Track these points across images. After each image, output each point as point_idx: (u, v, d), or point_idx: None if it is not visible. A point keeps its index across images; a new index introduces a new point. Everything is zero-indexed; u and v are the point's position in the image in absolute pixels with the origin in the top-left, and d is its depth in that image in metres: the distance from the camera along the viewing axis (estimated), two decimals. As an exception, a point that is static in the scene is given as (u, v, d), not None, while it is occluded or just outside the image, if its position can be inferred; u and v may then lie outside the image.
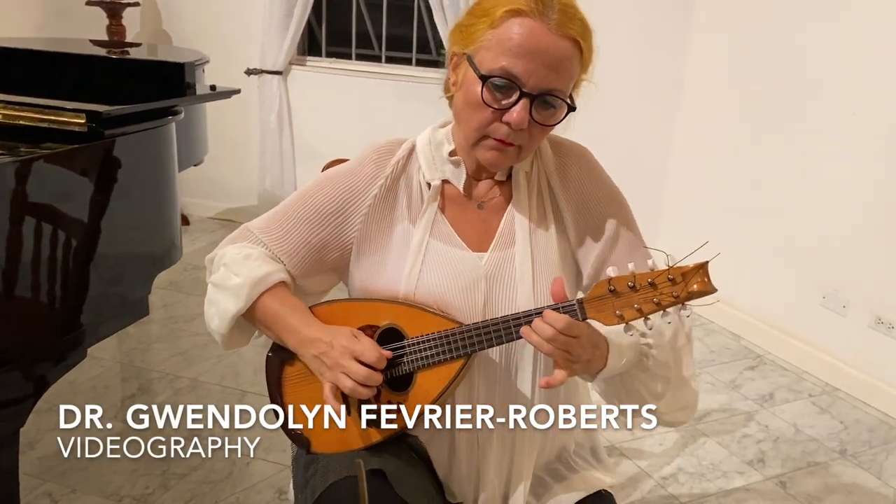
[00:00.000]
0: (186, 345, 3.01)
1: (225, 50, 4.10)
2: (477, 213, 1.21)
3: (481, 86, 1.06)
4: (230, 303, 1.16)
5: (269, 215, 1.25)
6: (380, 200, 1.20)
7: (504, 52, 1.05)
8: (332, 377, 1.09)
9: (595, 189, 1.22)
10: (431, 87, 3.96)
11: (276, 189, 4.28)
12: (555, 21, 1.05)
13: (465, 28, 1.11)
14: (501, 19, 1.06)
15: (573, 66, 1.09)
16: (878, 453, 2.52)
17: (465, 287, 1.16)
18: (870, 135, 2.73)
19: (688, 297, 1.01)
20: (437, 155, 1.21)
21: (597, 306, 1.05)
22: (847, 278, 2.87)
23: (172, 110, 1.68)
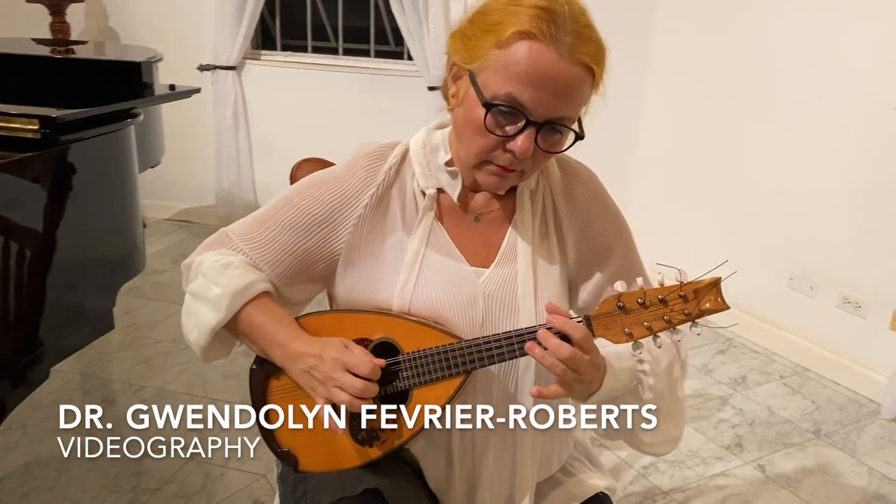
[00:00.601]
0: (150, 353, 2.91)
1: (175, 46, 3.97)
2: (474, 226, 1.15)
3: (485, 112, 0.99)
4: (209, 315, 1.10)
5: (249, 220, 1.18)
6: (371, 210, 1.12)
7: (510, 77, 0.98)
8: (325, 393, 1.03)
9: (601, 215, 1.17)
10: (392, 78, 3.90)
11: (234, 188, 4.18)
12: (567, 46, 0.97)
13: (467, 39, 1.02)
14: (509, 40, 0.97)
15: (584, 92, 1.01)
16: (851, 432, 2.55)
17: (463, 303, 1.10)
18: (834, 119, 2.76)
19: (699, 314, 0.98)
20: (433, 161, 1.13)
21: (605, 323, 1.00)
22: (814, 260, 2.90)
23: (131, 113, 1.60)
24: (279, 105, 4.03)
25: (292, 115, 4.06)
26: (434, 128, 1.16)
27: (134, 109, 1.61)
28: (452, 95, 1.07)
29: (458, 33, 1.04)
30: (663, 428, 1.14)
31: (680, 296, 0.98)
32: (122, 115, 1.57)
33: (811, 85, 2.81)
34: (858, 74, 2.66)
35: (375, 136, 4.17)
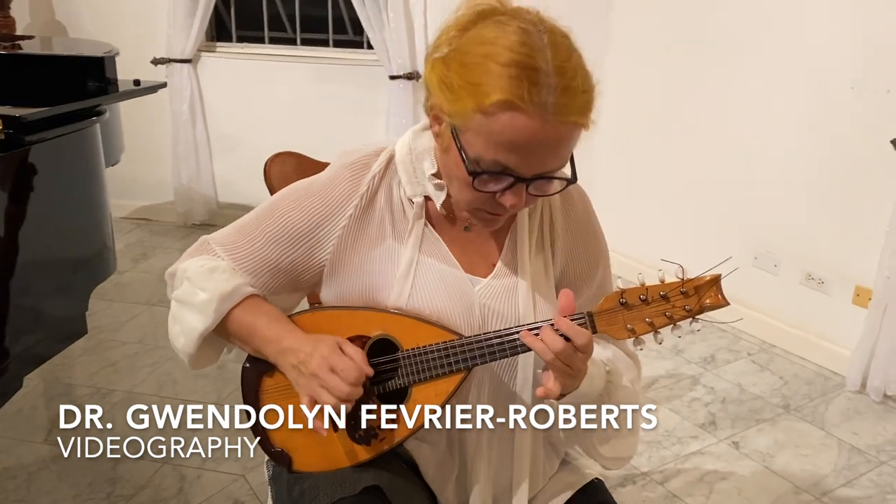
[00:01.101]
0: (115, 356, 2.84)
1: (126, 40, 3.84)
2: (464, 235, 1.12)
3: (471, 179, 0.96)
4: (197, 320, 1.07)
5: (231, 229, 1.15)
6: (355, 220, 1.09)
7: (495, 144, 0.93)
8: (309, 389, 1.01)
9: (591, 230, 1.18)
10: (352, 68, 3.86)
11: (194, 183, 4.09)
12: (553, 107, 0.91)
13: (445, 89, 0.96)
14: (491, 109, 0.91)
15: (573, 142, 0.97)
16: (819, 405, 2.61)
17: (461, 311, 1.08)
18: (793, 99, 2.81)
19: (700, 310, 0.99)
20: (419, 169, 1.10)
21: (608, 319, 1.00)
22: (777, 239, 2.96)
23: (96, 110, 1.54)
24: (237, 98, 3.96)
25: (251, 108, 3.99)
26: (420, 129, 1.12)
27: (99, 107, 1.55)
28: (436, 134, 1.03)
29: (436, 72, 0.97)
30: (620, 443, 1.15)
31: (681, 292, 0.98)
32: (88, 113, 1.52)
33: (770, 66, 2.86)
34: (816, 54, 2.71)
35: (338, 126, 4.16)
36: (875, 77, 2.54)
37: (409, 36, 3.61)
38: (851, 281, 2.73)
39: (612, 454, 1.16)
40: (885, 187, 2.53)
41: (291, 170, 1.63)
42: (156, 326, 3.08)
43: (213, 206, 4.20)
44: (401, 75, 3.64)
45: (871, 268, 2.60)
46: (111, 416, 2.57)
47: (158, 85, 2.03)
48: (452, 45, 0.97)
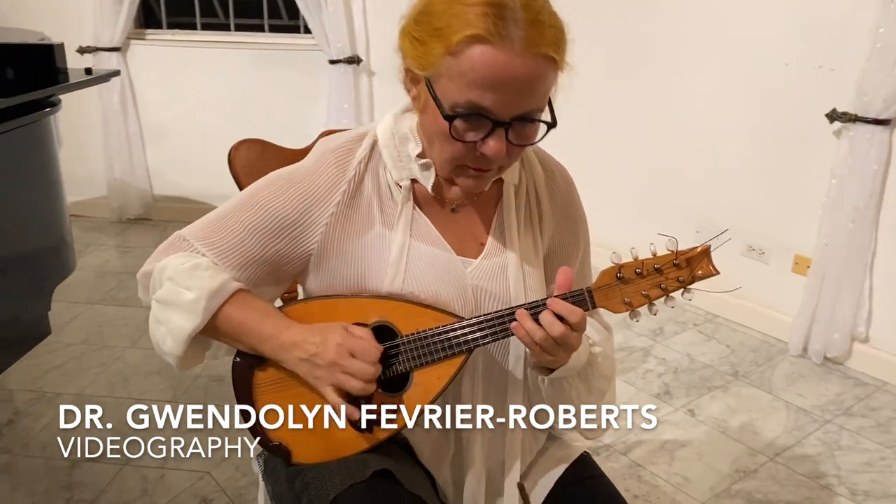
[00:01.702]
0: (60, 358, 2.73)
1: (49, 28, 3.67)
2: (452, 217, 1.12)
3: (448, 123, 0.95)
4: (185, 320, 1.02)
5: (207, 222, 1.10)
6: (344, 207, 1.07)
7: (468, 83, 0.92)
8: (332, 379, 0.99)
9: (574, 208, 1.19)
10: (290, 53, 3.79)
11: (127, 176, 3.96)
12: (520, 41, 0.90)
13: (416, 43, 0.97)
14: (459, 46, 0.91)
15: (548, 81, 0.96)
16: (765, 370, 2.73)
17: (455, 294, 1.08)
18: (731, 77, 2.89)
19: (692, 281, 1.01)
20: (403, 152, 1.09)
21: (606, 294, 1.02)
22: (718, 212, 3.05)
23: (49, 101, 1.46)
24: (170, 87, 3.84)
25: (185, 97, 3.88)
26: (401, 113, 1.11)
27: (52, 97, 1.48)
28: (414, 98, 1.03)
29: (406, 34, 0.99)
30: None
31: (674, 264, 1.01)
32: (42, 104, 1.44)
33: (707, 44, 2.94)
34: (751, 33, 2.80)
35: (277, 113, 4.09)
36: (809, 54, 2.64)
37: (347, 19, 3.56)
38: (790, 250, 2.85)
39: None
40: (821, 160, 2.64)
41: (256, 157, 1.59)
42: (100, 325, 2.98)
43: (148, 200, 4.07)
44: (341, 59, 3.59)
45: (809, 237, 2.72)
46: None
47: (111, 73, 1.94)
48: (422, 4, 0.97)
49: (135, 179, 3.98)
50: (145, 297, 1.11)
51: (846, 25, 2.52)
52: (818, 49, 2.61)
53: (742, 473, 2.17)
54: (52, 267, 1.49)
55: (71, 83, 1.59)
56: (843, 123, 2.52)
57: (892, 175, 2.51)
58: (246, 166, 1.58)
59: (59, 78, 1.56)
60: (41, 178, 1.42)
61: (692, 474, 2.16)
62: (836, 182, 2.57)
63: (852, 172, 2.52)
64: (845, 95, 2.51)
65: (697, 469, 2.19)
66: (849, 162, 2.52)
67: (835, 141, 2.60)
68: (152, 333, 1.08)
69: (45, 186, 1.44)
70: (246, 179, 1.46)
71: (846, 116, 2.49)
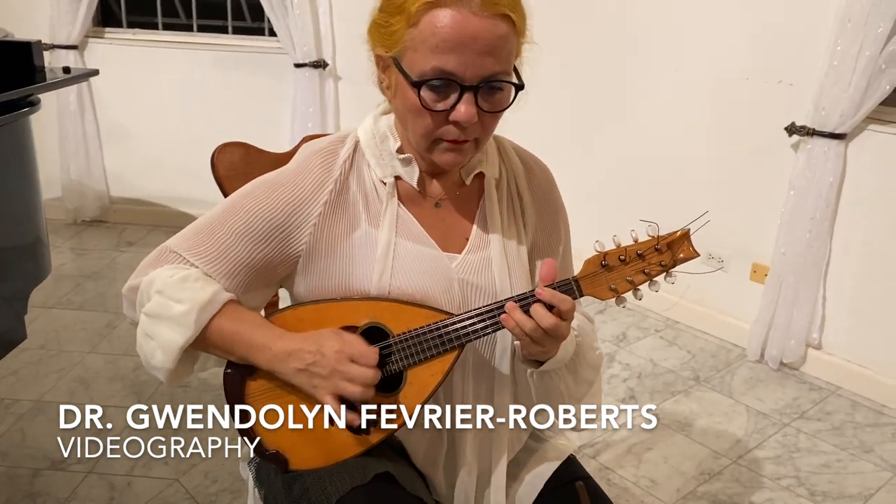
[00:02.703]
0: (15, 364, 2.65)
1: (4, 22, 3.58)
2: (436, 212, 1.13)
3: (417, 91, 0.98)
4: (175, 334, 1.01)
5: (193, 231, 1.09)
6: (331, 206, 1.08)
7: (431, 50, 0.96)
8: (332, 387, 0.99)
9: (555, 199, 1.22)
10: (254, 55, 3.75)
11: (84, 178, 3.87)
12: (477, 2, 0.95)
13: (381, 28, 1.01)
14: (418, 14, 0.96)
15: (510, 42, 1.00)
16: (725, 375, 2.80)
17: (441, 289, 1.09)
18: (692, 88, 2.97)
19: (673, 264, 1.05)
20: (384, 150, 1.11)
21: (591, 282, 1.04)
22: (678, 221, 3.11)
23: (28, 100, 1.42)
24: (129, 87, 3.76)
25: (145, 98, 3.81)
26: (379, 114, 1.14)
27: (31, 96, 1.44)
28: (387, 87, 1.06)
29: (373, 26, 1.03)
30: (592, 402, 1.20)
31: (655, 249, 1.04)
32: (20, 103, 1.40)
33: (669, 57, 3.01)
34: (712, 47, 2.88)
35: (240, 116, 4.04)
36: (768, 69, 2.73)
37: (314, 22, 3.54)
38: (748, 258, 2.94)
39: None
40: (780, 172, 2.74)
41: (239, 159, 1.57)
42: (57, 330, 2.90)
43: (104, 202, 3.98)
44: (307, 63, 3.57)
45: (767, 247, 2.80)
46: (19, 428, 2.42)
47: (90, 72, 1.89)
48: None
49: (91, 181, 3.89)
50: (131, 312, 1.10)
51: (805, 42, 2.61)
52: (778, 64, 2.70)
53: (707, 475, 2.23)
54: (31, 269, 1.45)
55: (51, 82, 1.55)
56: (801, 137, 2.62)
57: (847, 188, 2.61)
58: (229, 169, 1.56)
59: (37, 77, 1.52)
60: (20, 179, 1.38)
61: (659, 476, 2.21)
62: (793, 193, 2.66)
63: (809, 184, 2.61)
64: (803, 109, 2.60)
65: (664, 471, 2.24)
66: (806, 174, 2.61)
67: (793, 154, 2.69)
68: (141, 348, 1.06)
69: (24, 188, 1.41)
70: (229, 183, 1.45)
71: (804, 130, 2.59)
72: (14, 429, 2.30)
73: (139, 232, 3.96)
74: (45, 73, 1.55)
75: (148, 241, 3.84)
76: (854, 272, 2.67)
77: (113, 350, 2.78)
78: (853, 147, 2.57)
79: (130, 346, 2.79)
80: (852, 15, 2.39)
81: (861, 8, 2.36)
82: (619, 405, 2.50)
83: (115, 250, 3.72)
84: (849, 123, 2.49)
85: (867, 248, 2.63)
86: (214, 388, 2.50)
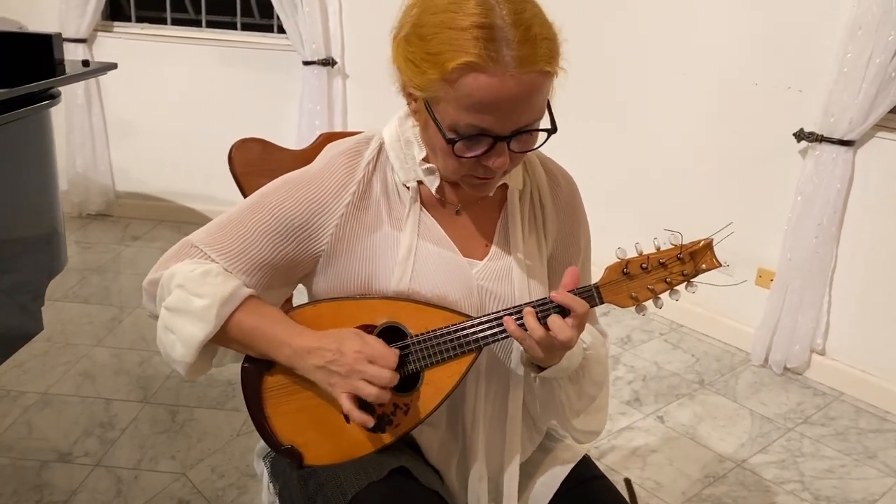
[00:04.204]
0: (22, 356, 2.65)
1: (15, 14, 3.60)
2: (456, 219, 1.13)
3: (450, 145, 0.97)
4: (196, 328, 1.02)
5: (215, 227, 1.09)
6: (353, 208, 1.08)
7: (465, 108, 0.94)
8: (349, 386, 0.99)
9: (577, 209, 1.22)
10: (262, 52, 3.75)
11: (90, 171, 3.87)
12: (514, 59, 0.91)
13: (411, 65, 0.97)
14: (454, 74, 0.92)
15: (545, 91, 0.97)
16: (729, 379, 2.81)
17: (461, 295, 1.09)
18: (699, 94, 2.98)
19: (695, 274, 1.04)
20: (409, 155, 1.10)
21: (613, 289, 1.04)
22: (685, 225, 3.13)
23: (49, 93, 1.42)
24: (137, 81, 3.76)
25: (152, 93, 3.81)
26: (405, 116, 1.12)
27: (52, 89, 1.44)
28: (414, 112, 1.05)
29: (400, 52, 0.99)
30: (594, 417, 1.21)
31: (678, 258, 1.04)
32: (42, 96, 1.40)
33: (676, 60, 3.02)
34: (722, 52, 2.89)
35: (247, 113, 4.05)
36: (778, 74, 2.74)
37: (323, 20, 3.54)
38: (753, 263, 2.95)
39: (583, 427, 1.21)
40: (788, 177, 2.74)
41: (256, 156, 1.58)
42: (63, 323, 2.90)
43: (110, 196, 3.98)
44: (315, 61, 3.58)
45: (773, 252, 2.81)
46: (26, 420, 2.42)
47: (108, 66, 1.89)
48: (412, 21, 0.98)
49: (97, 174, 3.89)
50: (151, 305, 1.10)
51: (814, 48, 2.62)
52: (787, 70, 2.71)
53: (711, 478, 2.23)
54: (48, 261, 1.45)
55: (72, 75, 1.55)
56: (809, 143, 2.62)
57: (854, 195, 2.62)
58: (246, 166, 1.56)
59: (58, 69, 1.52)
60: (39, 170, 1.39)
61: (664, 479, 2.22)
62: (801, 199, 2.67)
63: (817, 190, 2.62)
64: (812, 116, 2.61)
65: (669, 474, 2.24)
66: (814, 180, 2.62)
67: (801, 160, 2.70)
68: (161, 341, 1.07)
69: (43, 180, 1.41)
70: (245, 179, 1.45)
71: (812, 136, 2.59)
72: (20, 421, 2.30)
73: (144, 226, 3.96)
74: (64, 66, 1.56)
75: (153, 236, 3.85)
76: (859, 278, 2.68)
77: (119, 344, 2.78)
78: (861, 154, 2.58)
79: (136, 340, 2.81)
80: (863, 22, 2.40)
81: (872, 16, 2.37)
82: (623, 407, 2.51)
83: (120, 244, 3.73)
84: (858, 130, 2.50)
85: (873, 255, 2.64)
86: (220, 384, 2.50)
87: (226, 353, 1.10)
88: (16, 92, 1.28)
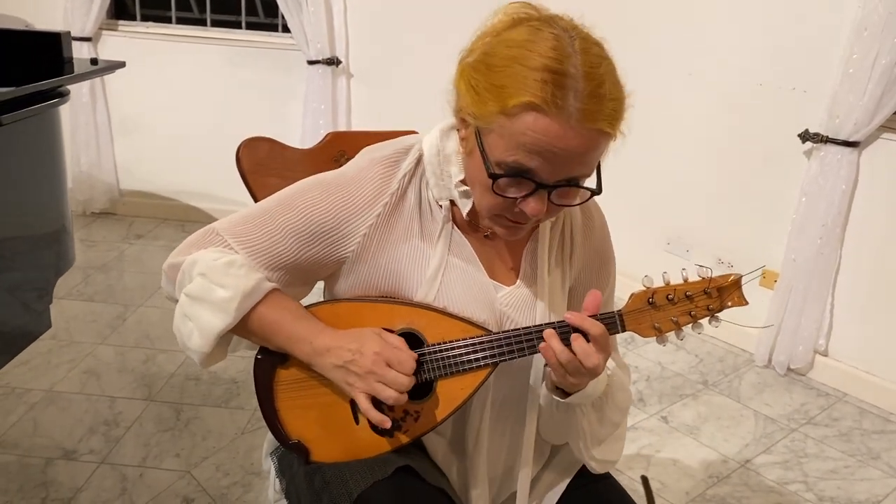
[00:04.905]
0: (27, 353, 2.64)
1: (20, 13, 3.60)
2: (487, 242, 1.12)
3: (491, 181, 0.94)
4: (216, 319, 1.01)
5: (243, 218, 1.08)
6: (385, 218, 1.06)
7: (516, 146, 0.91)
8: (366, 388, 0.98)
9: (606, 251, 1.20)
10: (267, 51, 3.76)
11: (94, 169, 3.88)
12: (578, 113, 0.88)
13: (472, 91, 0.95)
14: (514, 110, 0.89)
15: (599, 151, 0.94)
16: (732, 380, 2.81)
17: (485, 317, 1.08)
18: (704, 94, 2.98)
19: (720, 309, 1.03)
20: (446, 172, 1.08)
21: (636, 318, 1.02)
22: (689, 225, 3.14)
23: (58, 91, 1.43)
24: (142, 80, 3.77)
25: (157, 91, 3.82)
26: (448, 129, 1.10)
27: (61, 87, 1.44)
28: (462, 138, 1.03)
29: (465, 76, 0.97)
30: (612, 446, 1.19)
31: (705, 292, 1.02)
32: (52, 93, 1.41)
33: (682, 61, 3.02)
34: (728, 52, 2.89)
35: (252, 112, 4.04)
36: (783, 75, 2.74)
37: (327, 19, 3.55)
38: (757, 264, 2.94)
39: (602, 457, 1.18)
40: (792, 178, 2.75)
41: (264, 155, 1.58)
42: (67, 321, 2.91)
43: (114, 194, 3.99)
44: (320, 60, 3.58)
45: (777, 252, 2.81)
46: (31, 417, 2.42)
47: (117, 64, 1.90)
48: (484, 49, 0.96)
49: (101, 172, 3.90)
50: (170, 288, 1.09)
51: (820, 49, 2.62)
52: (792, 71, 2.71)
53: (715, 479, 2.24)
54: (56, 258, 1.46)
55: (81, 73, 1.56)
56: (814, 144, 2.62)
57: (859, 195, 2.62)
58: (254, 164, 1.56)
59: (66, 68, 1.52)
60: (48, 168, 1.39)
61: (668, 479, 2.22)
62: (805, 200, 2.67)
63: (822, 191, 2.62)
64: (817, 117, 2.61)
65: (673, 474, 2.25)
66: (819, 181, 2.62)
67: (805, 160, 2.70)
68: (178, 328, 1.06)
69: (52, 177, 1.41)
70: (253, 178, 1.45)
71: (817, 137, 2.59)
72: (26, 418, 2.31)
73: (148, 225, 3.97)
74: (73, 64, 1.56)
75: (156, 235, 3.85)
76: (864, 279, 2.68)
77: (123, 342, 2.79)
78: (866, 155, 2.58)
79: (140, 338, 2.81)
80: (869, 24, 2.40)
81: (878, 17, 2.37)
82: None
83: (124, 242, 3.73)
84: (863, 132, 2.50)
85: (877, 256, 2.64)
86: (224, 382, 2.51)
87: (240, 341, 1.10)
88: (25, 90, 1.29)
